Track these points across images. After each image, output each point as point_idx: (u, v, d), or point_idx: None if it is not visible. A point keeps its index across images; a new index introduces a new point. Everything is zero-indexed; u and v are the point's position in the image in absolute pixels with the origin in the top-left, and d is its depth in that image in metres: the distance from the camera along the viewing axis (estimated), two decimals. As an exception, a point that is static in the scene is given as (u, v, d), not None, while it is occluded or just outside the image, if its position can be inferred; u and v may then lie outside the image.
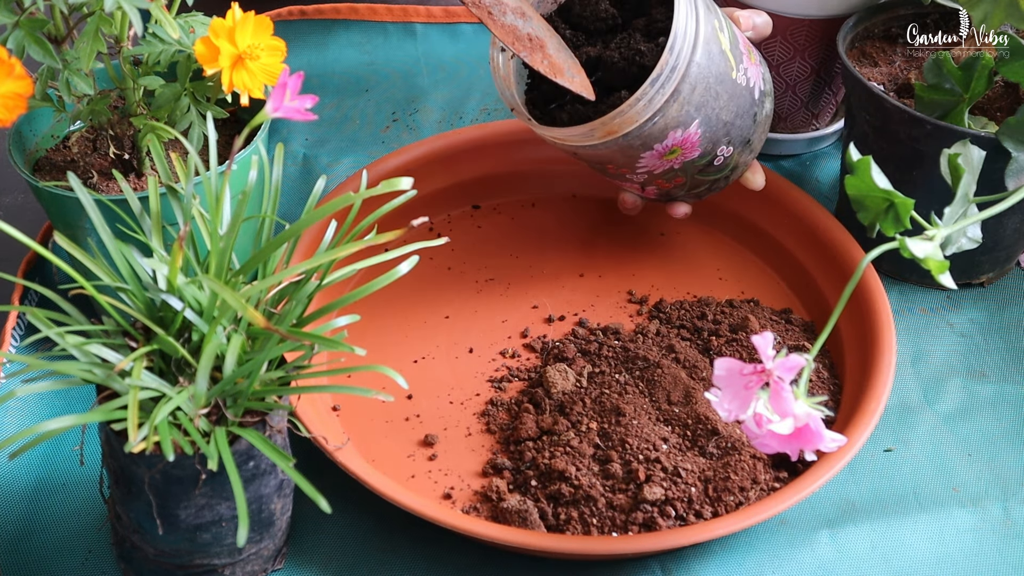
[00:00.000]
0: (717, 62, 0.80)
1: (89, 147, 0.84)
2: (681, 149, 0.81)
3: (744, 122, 0.84)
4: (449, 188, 0.98)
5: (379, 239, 0.64)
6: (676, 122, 0.79)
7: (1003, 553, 0.75)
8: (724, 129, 0.82)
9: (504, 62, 0.86)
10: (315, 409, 0.79)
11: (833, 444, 0.60)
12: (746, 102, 0.83)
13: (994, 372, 0.87)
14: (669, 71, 0.77)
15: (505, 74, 0.86)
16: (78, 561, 0.74)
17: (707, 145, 0.83)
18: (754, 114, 0.84)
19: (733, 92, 0.82)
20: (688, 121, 0.80)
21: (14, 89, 0.60)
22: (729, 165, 0.86)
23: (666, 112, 0.78)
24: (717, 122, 0.82)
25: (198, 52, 0.71)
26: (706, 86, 0.79)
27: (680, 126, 0.80)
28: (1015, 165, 0.80)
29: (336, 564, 0.75)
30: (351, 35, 1.19)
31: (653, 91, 0.77)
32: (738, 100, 0.82)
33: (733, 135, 0.84)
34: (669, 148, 0.81)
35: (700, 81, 0.79)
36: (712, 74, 0.79)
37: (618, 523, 0.73)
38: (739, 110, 0.83)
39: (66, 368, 0.61)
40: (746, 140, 0.85)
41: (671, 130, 0.80)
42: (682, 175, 0.85)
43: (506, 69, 0.86)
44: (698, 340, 0.86)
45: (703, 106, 0.80)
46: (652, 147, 0.81)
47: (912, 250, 0.64)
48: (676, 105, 0.78)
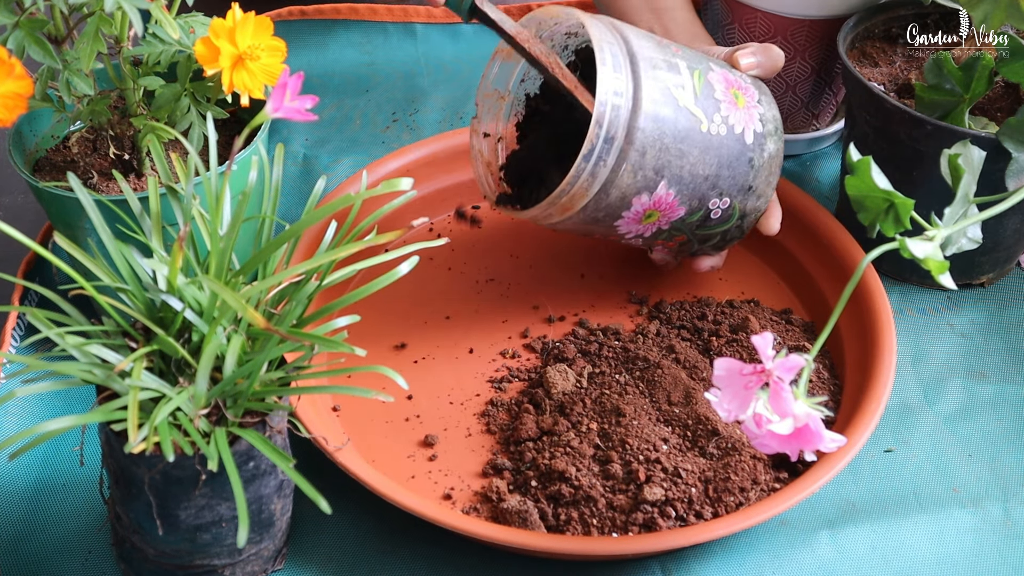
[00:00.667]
0: (672, 121, 0.77)
1: (89, 147, 0.84)
2: (659, 212, 0.80)
3: (736, 171, 0.81)
4: (449, 188, 0.98)
5: (379, 239, 0.64)
6: (635, 189, 0.77)
7: (1003, 554, 0.75)
8: (707, 184, 0.80)
9: (488, 147, 0.86)
10: (315, 409, 0.79)
11: (833, 444, 0.60)
12: (731, 151, 0.80)
13: (994, 372, 0.87)
14: (602, 143, 0.75)
15: (489, 159, 0.86)
16: (78, 562, 0.74)
17: (691, 202, 0.80)
18: (749, 159, 0.81)
19: (707, 145, 0.79)
20: (651, 185, 0.78)
21: (14, 89, 0.60)
22: (734, 215, 0.83)
23: (617, 182, 0.77)
24: (693, 178, 0.79)
25: (198, 52, 0.71)
26: (661, 147, 0.77)
27: (642, 191, 0.78)
28: (1015, 165, 0.80)
29: (336, 564, 0.75)
30: (351, 35, 1.19)
31: (589, 165, 0.75)
32: (717, 151, 0.79)
33: (723, 186, 0.81)
34: (643, 213, 0.79)
35: (651, 145, 0.76)
36: (668, 134, 0.77)
37: (618, 524, 0.73)
38: (722, 161, 0.80)
39: (66, 368, 0.61)
40: (745, 188, 0.82)
41: (633, 197, 0.78)
42: (679, 233, 0.84)
43: (490, 154, 0.86)
44: (698, 340, 0.86)
45: (664, 167, 0.77)
46: (620, 215, 0.79)
47: (912, 250, 0.64)
48: (627, 174, 0.76)
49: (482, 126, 0.87)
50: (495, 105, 0.87)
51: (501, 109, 0.87)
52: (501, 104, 0.87)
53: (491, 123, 0.88)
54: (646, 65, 0.77)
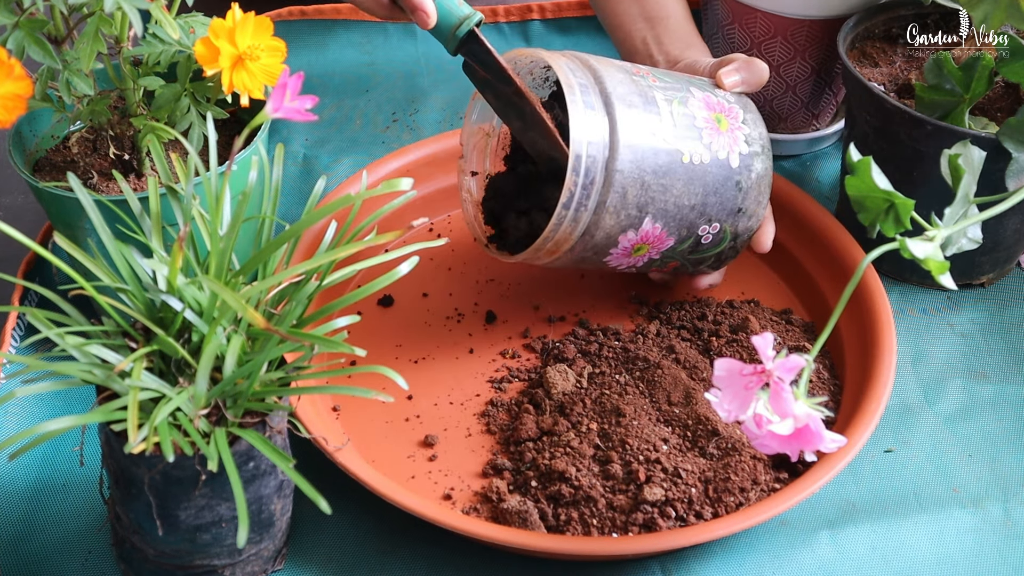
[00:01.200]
0: (651, 158, 0.77)
1: (89, 147, 0.84)
2: (647, 244, 0.80)
3: (723, 196, 0.81)
4: (449, 188, 0.98)
5: (379, 240, 0.64)
6: (619, 228, 0.77)
7: (1003, 554, 0.75)
8: (694, 212, 0.80)
9: (476, 186, 0.86)
10: (315, 410, 0.79)
11: (833, 445, 0.60)
12: (716, 178, 0.80)
13: (994, 373, 0.87)
14: (581, 189, 0.75)
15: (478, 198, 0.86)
16: (78, 562, 0.74)
17: (680, 232, 0.80)
18: (736, 183, 0.81)
19: (690, 176, 0.78)
20: (635, 223, 0.77)
21: (14, 90, 0.60)
22: (726, 238, 0.83)
23: (601, 224, 0.76)
24: (679, 210, 0.79)
25: (198, 53, 0.71)
26: (642, 185, 0.76)
27: (628, 229, 0.78)
28: (1015, 166, 0.80)
29: (336, 564, 0.75)
30: (351, 35, 1.19)
31: (570, 212, 0.75)
32: (703, 180, 0.79)
33: (711, 212, 0.81)
34: (631, 248, 0.79)
35: (631, 185, 0.76)
36: (648, 171, 0.76)
37: (618, 524, 0.73)
38: (708, 188, 0.79)
39: (66, 369, 0.61)
40: (735, 210, 0.82)
41: (619, 235, 0.78)
42: (672, 260, 0.84)
43: (479, 193, 0.86)
44: (698, 341, 0.86)
45: (648, 204, 0.77)
46: (609, 252, 0.79)
47: (912, 251, 0.64)
48: (608, 216, 0.76)
49: (469, 165, 0.86)
50: (480, 142, 0.87)
51: (488, 146, 0.87)
52: (487, 141, 0.87)
53: (479, 161, 0.88)
54: (621, 104, 0.76)
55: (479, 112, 0.87)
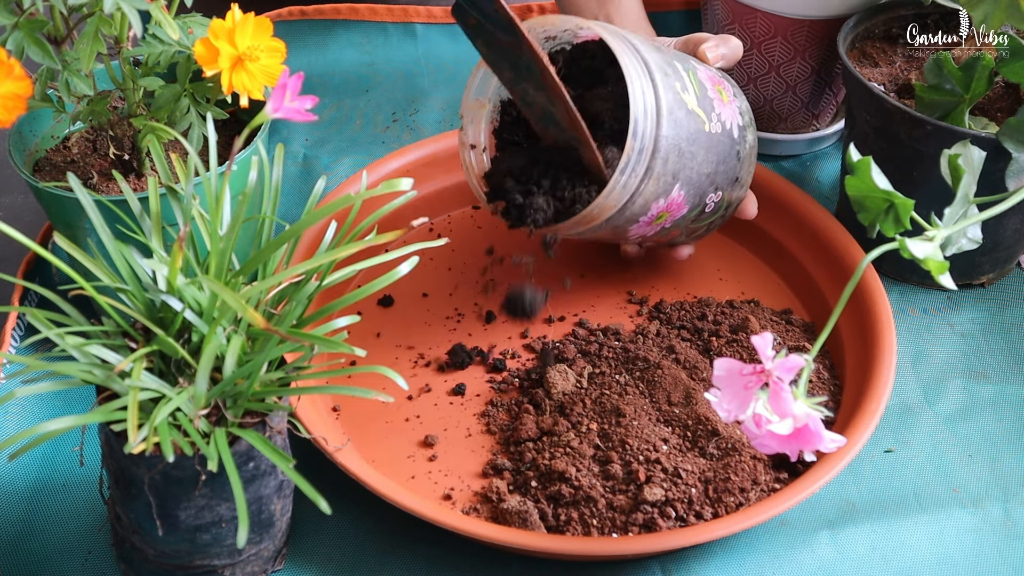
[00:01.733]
0: (685, 125, 0.78)
1: (89, 148, 0.84)
2: (668, 213, 0.80)
3: (728, 165, 0.82)
4: (449, 188, 0.98)
5: (379, 240, 0.64)
6: (656, 195, 0.78)
7: (1003, 554, 0.75)
8: (708, 180, 0.81)
9: (475, 160, 0.85)
10: (315, 410, 0.79)
11: (833, 445, 0.60)
12: (726, 147, 0.81)
13: (994, 373, 0.87)
14: (637, 155, 0.75)
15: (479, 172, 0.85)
16: (78, 562, 0.74)
17: (694, 200, 0.82)
18: (737, 152, 0.83)
19: (710, 144, 0.80)
20: (668, 190, 0.78)
21: (14, 90, 0.60)
22: (722, 206, 0.85)
23: (643, 191, 0.77)
24: (699, 178, 0.80)
25: (198, 53, 0.71)
26: (678, 152, 0.77)
27: (661, 196, 0.78)
28: (1015, 166, 0.80)
29: (336, 564, 0.75)
30: (351, 35, 1.19)
31: (624, 178, 0.75)
32: (717, 149, 0.81)
33: (719, 181, 0.82)
34: (655, 216, 0.80)
35: (672, 150, 0.77)
36: (683, 138, 0.77)
37: (618, 524, 0.73)
38: (720, 157, 0.81)
39: (66, 369, 0.61)
40: (734, 179, 0.84)
41: (652, 203, 0.78)
42: (676, 228, 0.85)
43: (479, 166, 0.86)
44: (698, 341, 0.86)
45: (680, 171, 0.78)
46: (638, 220, 0.79)
47: (912, 251, 0.64)
48: (652, 182, 0.77)
49: (468, 138, 0.86)
50: (477, 115, 0.87)
51: (482, 118, 0.87)
52: (481, 112, 0.87)
53: (475, 134, 0.88)
54: (658, 72, 0.77)
55: (477, 86, 0.86)
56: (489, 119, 0.86)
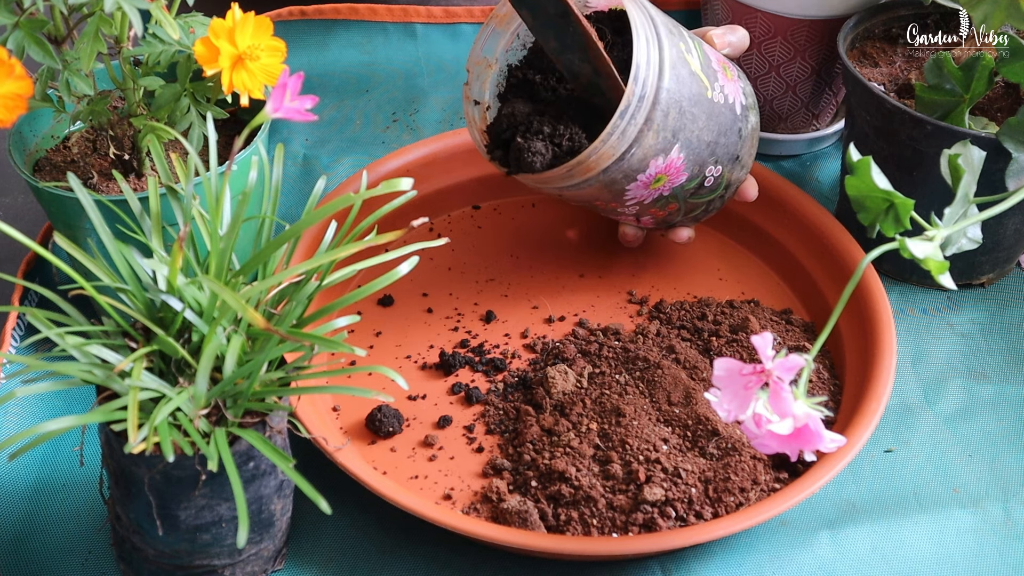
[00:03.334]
0: (688, 84, 0.79)
1: (89, 148, 0.84)
2: (667, 176, 0.81)
3: (729, 139, 0.83)
4: (449, 188, 0.98)
5: (379, 240, 0.64)
6: (655, 150, 0.79)
7: (1003, 554, 0.75)
8: (708, 150, 0.82)
9: (479, 115, 0.86)
10: (315, 410, 0.79)
11: (833, 445, 0.60)
12: (727, 120, 0.82)
13: (994, 373, 0.87)
14: (637, 101, 0.76)
15: (482, 127, 0.86)
16: (78, 562, 0.74)
17: (693, 168, 0.82)
18: (739, 130, 0.84)
19: (711, 112, 0.81)
20: (668, 147, 0.79)
21: (14, 90, 0.60)
22: (721, 184, 0.86)
23: (642, 142, 0.78)
24: (699, 144, 0.81)
25: (198, 53, 0.71)
26: (680, 110, 0.78)
27: (660, 153, 0.79)
28: (1015, 166, 0.80)
29: (336, 564, 0.75)
30: (351, 35, 1.19)
31: (624, 123, 0.76)
32: (718, 119, 0.82)
33: (719, 154, 0.83)
34: (654, 177, 0.80)
35: (672, 106, 0.78)
36: (685, 97, 0.78)
37: (618, 524, 0.73)
38: (721, 128, 0.82)
39: (66, 369, 0.61)
40: (734, 157, 0.85)
41: (651, 159, 0.79)
42: (674, 201, 0.85)
43: (482, 121, 0.86)
44: (698, 341, 0.86)
45: (680, 130, 0.79)
46: (636, 178, 0.80)
47: (912, 251, 0.64)
48: (651, 134, 0.78)
49: (473, 93, 0.87)
50: (483, 73, 0.88)
51: (488, 78, 0.88)
52: (488, 72, 0.87)
53: (479, 91, 0.88)
54: (664, 30, 0.79)
55: (485, 43, 0.87)
56: (495, 81, 0.87)
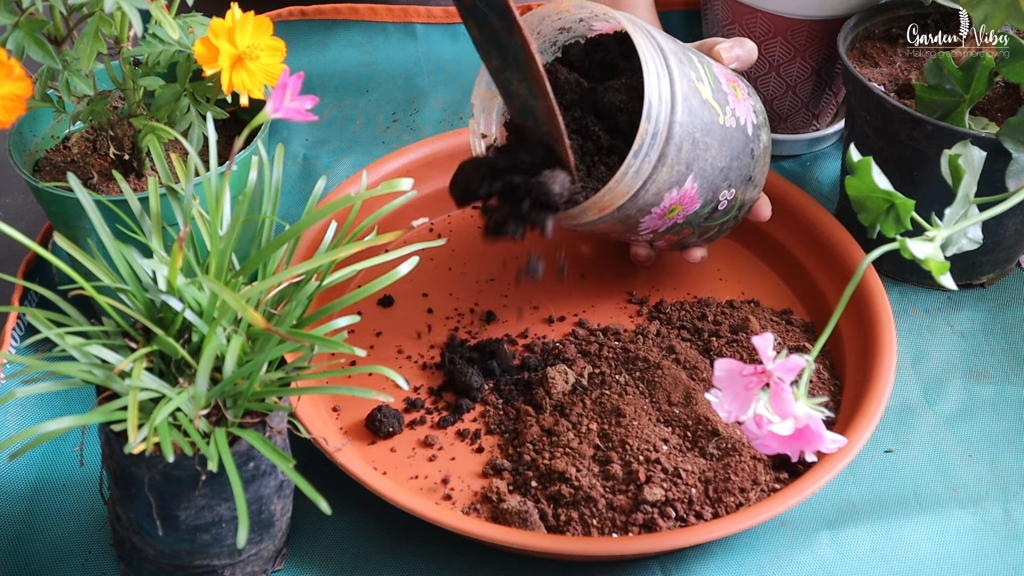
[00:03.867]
0: (700, 114, 0.77)
1: (89, 148, 0.84)
2: (681, 206, 0.80)
3: (742, 162, 0.82)
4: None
5: (379, 240, 0.64)
6: (669, 184, 0.77)
7: (1004, 554, 0.75)
8: (722, 175, 0.80)
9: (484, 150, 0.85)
10: (315, 410, 0.79)
11: (833, 445, 0.60)
12: (740, 143, 0.81)
13: (995, 373, 0.87)
14: (650, 139, 0.75)
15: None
16: (78, 562, 0.74)
17: (707, 195, 0.81)
18: (751, 151, 0.82)
19: (724, 138, 0.79)
20: (681, 180, 0.78)
21: (14, 90, 0.60)
22: (735, 206, 0.84)
23: (656, 178, 0.76)
24: (712, 171, 0.79)
25: (198, 53, 0.71)
26: (692, 141, 0.77)
27: (674, 186, 0.78)
28: (1016, 166, 0.80)
29: (336, 565, 0.75)
30: (351, 35, 1.19)
31: (637, 162, 0.75)
32: (731, 144, 0.80)
33: (732, 178, 0.82)
34: (668, 208, 0.79)
35: (686, 139, 0.76)
36: (697, 128, 0.77)
37: (618, 524, 0.73)
38: (734, 153, 0.80)
39: (66, 369, 0.61)
40: (747, 178, 0.83)
41: (665, 192, 0.78)
42: (688, 227, 0.84)
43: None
44: (698, 341, 0.86)
45: (694, 161, 0.78)
46: (650, 211, 0.79)
47: (913, 251, 0.64)
48: (665, 169, 0.76)
49: (479, 127, 0.86)
50: (489, 105, 0.87)
51: (494, 108, 0.87)
52: (493, 103, 0.87)
53: (487, 124, 0.88)
54: (673, 59, 0.77)
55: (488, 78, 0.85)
56: (501, 110, 0.86)
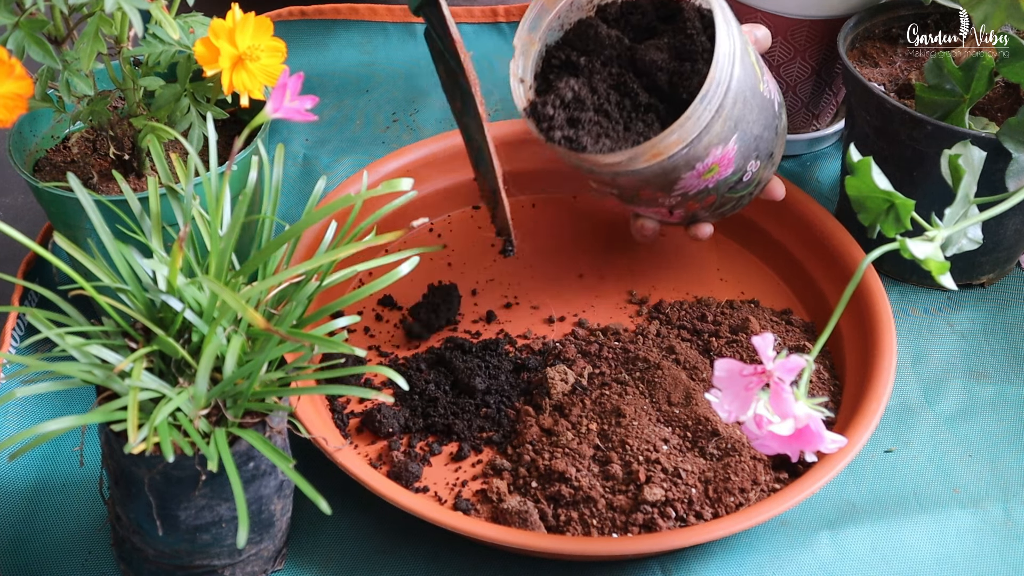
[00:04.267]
0: (750, 75, 0.79)
1: (89, 148, 0.84)
2: (718, 167, 0.80)
3: (769, 135, 0.83)
4: (449, 188, 0.98)
5: (379, 240, 0.64)
6: (718, 138, 0.78)
7: (1003, 554, 0.75)
8: (755, 143, 0.81)
9: (524, 93, 0.85)
10: (315, 410, 0.79)
11: (833, 445, 0.60)
12: (770, 115, 0.82)
13: (994, 373, 0.87)
14: (716, 86, 0.75)
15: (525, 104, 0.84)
16: (78, 562, 0.74)
17: (740, 161, 0.81)
18: (776, 127, 0.84)
19: (762, 105, 0.81)
20: (728, 137, 0.78)
21: (14, 90, 0.60)
22: (755, 180, 0.85)
23: (711, 128, 0.77)
24: (749, 136, 0.80)
25: (198, 53, 0.71)
26: (744, 99, 0.78)
27: (721, 142, 0.78)
28: (1015, 166, 0.80)
29: (336, 565, 0.75)
30: (351, 35, 1.19)
31: (702, 108, 0.75)
32: (765, 113, 0.81)
33: (761, 149, 0.83)
34: (708, 167, 0.79)
35: (739, 95, 0.77)
36: (747, 87, 0.78)
37: (618, 524, 0.73)
38: (766, 123, 0.82)
39: (66, 369, 0.61)
40: (769, 153, 0.84)
41: (713, 147, 0.78)
42: (714, 194, 0.84)
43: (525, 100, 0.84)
44: (698, 341, 0.86)
45: (740, 120, 0.79)
46: (694, 166, 0.79)
47: (913, 251, 0.64)
48: (719, 122, 0.77)
49: (518, 70, 0.86)
50: (528, 50, 0.86)
51: (531, 56, 0.86)
52: (532, 50, 0.86)
53: (524, 68, 0.87)
54: (731, 17, 0.78)
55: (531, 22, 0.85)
56: (537, 57, 0.86)
